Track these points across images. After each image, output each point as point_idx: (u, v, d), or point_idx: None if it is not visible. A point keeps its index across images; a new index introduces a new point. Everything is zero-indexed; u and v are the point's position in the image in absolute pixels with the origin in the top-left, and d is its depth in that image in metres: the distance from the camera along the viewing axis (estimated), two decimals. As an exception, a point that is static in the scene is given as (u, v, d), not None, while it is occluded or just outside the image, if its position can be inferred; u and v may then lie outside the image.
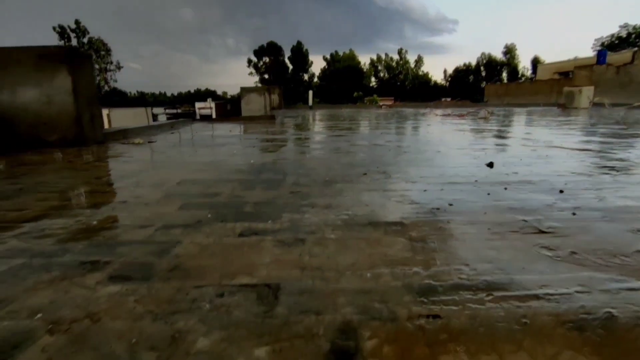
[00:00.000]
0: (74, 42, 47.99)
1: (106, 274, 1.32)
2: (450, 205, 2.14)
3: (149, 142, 5.42)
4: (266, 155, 4.16)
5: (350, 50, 60.12)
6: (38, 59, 4.73)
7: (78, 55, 5.11)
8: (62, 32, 47.52)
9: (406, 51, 61.10)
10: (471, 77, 57.44)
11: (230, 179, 2.90)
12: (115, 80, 51.39)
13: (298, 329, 0.98)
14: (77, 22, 48.00)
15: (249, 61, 58.20)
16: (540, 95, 29.16)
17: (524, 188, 2.53)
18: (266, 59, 58.05)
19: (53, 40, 46.68)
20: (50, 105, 4.82)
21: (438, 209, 2.07)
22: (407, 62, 60.63)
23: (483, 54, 57.72)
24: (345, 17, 78.43)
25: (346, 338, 0.94)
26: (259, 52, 58.00)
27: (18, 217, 1.99)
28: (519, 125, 8.83)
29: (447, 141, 5.30)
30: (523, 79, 52.50)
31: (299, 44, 58.83)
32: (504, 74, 56.12)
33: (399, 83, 59.39)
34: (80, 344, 0.93)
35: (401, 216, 1.94)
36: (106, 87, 49.47)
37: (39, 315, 1.06)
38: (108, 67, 50.16)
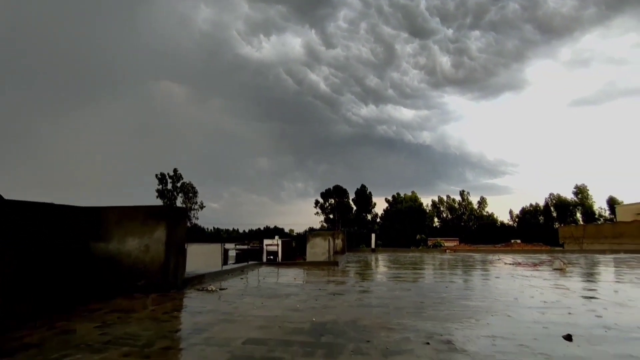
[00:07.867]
0: (170, 185, 56.57)
1: None
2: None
3: (220, 289, 5.84)
4: (328, 311, 4.24)
5: (413, 192, 62.19)
6: (145, 216, 5.77)
7: (176, 212, 6.14)
8: (162, 177, 56.70)
9: (468, 193, 61.50)
10: (541, 218, 54.67)
11: (293, 341, 3.00)
12: (197, 218, 57.56)
13: None
14: (175, 170, 57.48)
15: (316, 202, 62.32)
16: (624, 238, 26.35)
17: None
18: (332, 201, 61.88)
19: (154, 182, 55.59)
20: (146, 254, 5.61)
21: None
22: (470, 203, 60.44)
23: (552, 194, 55.91)
24: (406, 161, 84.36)
25: None
26: (325, 194, 62.43)
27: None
28: (604, 280, 7.93)
29: (518, 303, 4.96)
30: (601, 220, 48.48)
31: (363, 187, 62.72)
32: (578, 215, 52.68)
33: (462, 224, 58.24)
34: None
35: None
36: (189, 225, 55.29)
37: None
38: (193, 206, 57.02)
